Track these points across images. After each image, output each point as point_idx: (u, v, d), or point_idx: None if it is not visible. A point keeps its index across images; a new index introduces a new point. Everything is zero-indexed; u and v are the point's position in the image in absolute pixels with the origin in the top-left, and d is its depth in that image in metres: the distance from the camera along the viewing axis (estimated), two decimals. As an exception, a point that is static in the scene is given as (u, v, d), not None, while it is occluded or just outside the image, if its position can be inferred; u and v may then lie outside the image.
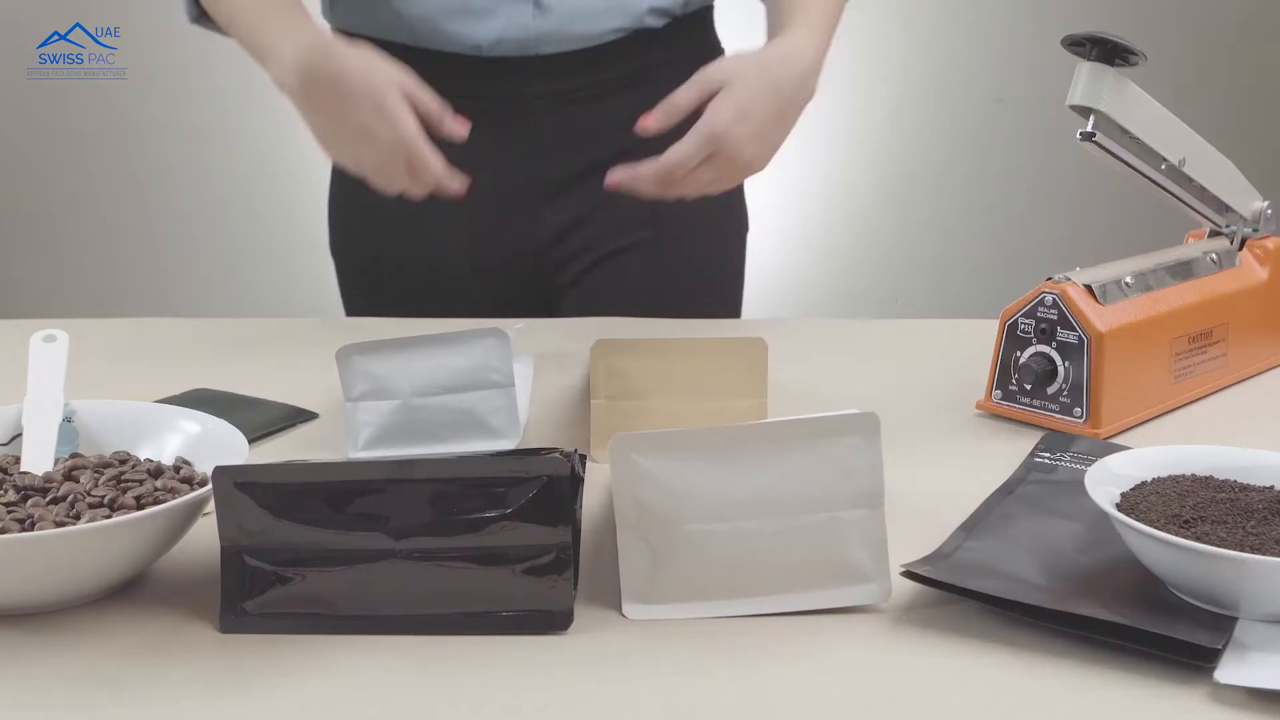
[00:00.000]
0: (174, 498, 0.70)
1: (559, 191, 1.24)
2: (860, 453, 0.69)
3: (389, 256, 1.29)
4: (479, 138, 1.10)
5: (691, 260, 1.29)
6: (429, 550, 0.66)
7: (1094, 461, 0.75)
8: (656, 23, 1.22)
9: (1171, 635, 0.62)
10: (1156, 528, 0.67)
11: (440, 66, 1.16)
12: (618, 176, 1.06)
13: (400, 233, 1.26)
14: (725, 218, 1.33)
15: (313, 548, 0.66)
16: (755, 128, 1.06)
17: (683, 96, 1.05)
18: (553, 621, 0.66)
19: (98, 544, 0.66)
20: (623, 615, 0.68)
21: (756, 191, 1.32)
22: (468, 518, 0.66)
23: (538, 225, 1.25)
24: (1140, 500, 0.71)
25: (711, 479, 0.67)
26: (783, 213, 3.00)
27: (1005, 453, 0.89)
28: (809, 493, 0.67)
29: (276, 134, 2.82)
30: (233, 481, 0.66)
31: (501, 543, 0.66)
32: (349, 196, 1.30)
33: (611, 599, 0.70)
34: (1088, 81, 0.93)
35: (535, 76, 1.20)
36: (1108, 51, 0.92)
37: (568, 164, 1.23)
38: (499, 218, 1.24)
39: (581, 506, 0.74)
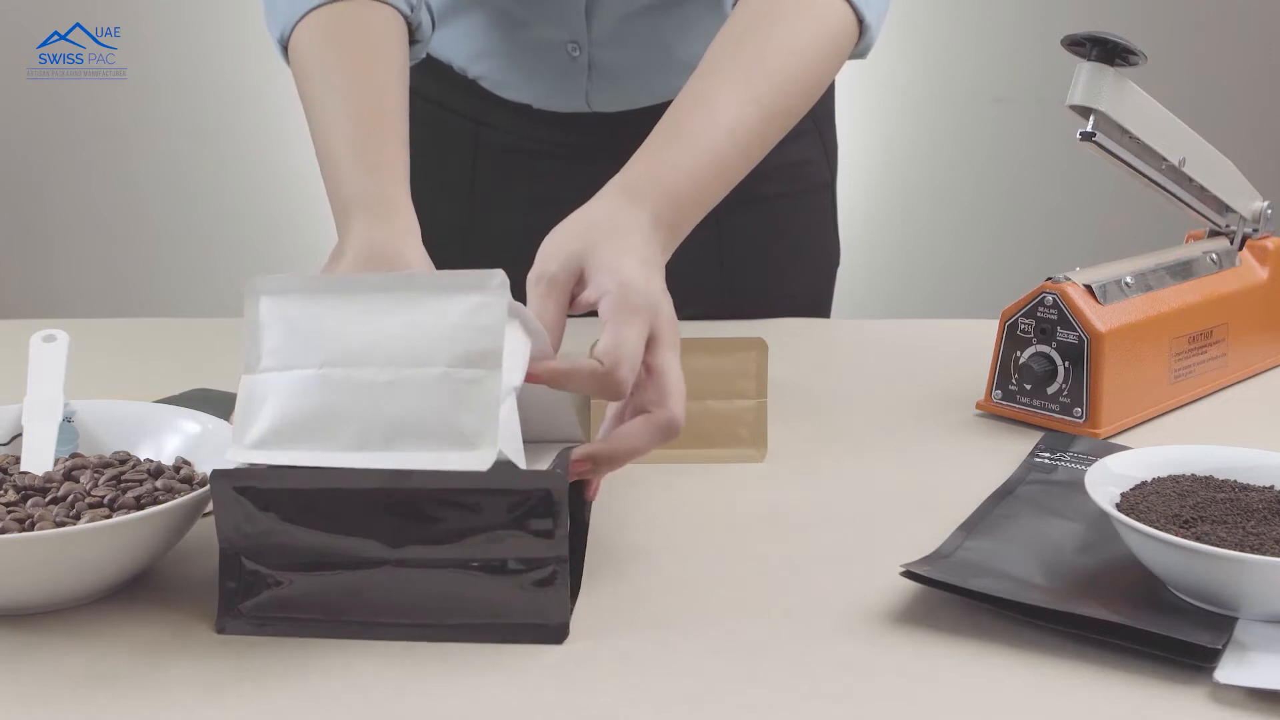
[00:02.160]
0: (174, 498, 0.70)
1: None
2: (483, 310, 0.65)
3: None
4: (538, 182, 1.09)
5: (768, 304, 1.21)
6: (425, 559, 0.65)
7: (1094, 461, 0.75)
8: None
9: (1171, 635, 0.62)
10: (1156, 528, 0.67)
11: (502, 112, 1.16)
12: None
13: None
14: (814, 253, 1.26)
15: (310, 552, 0.66)
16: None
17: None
18: (548, 634, 0.66)
19: (98, 544, 0.66)
20: (620, 623, 0.68)
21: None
22: (465, 527, 0.65)
23: None
24: (1140, 500, 0.71)
25: (335, 324, 0.65)
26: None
27: (1005, 453, 0.89)
28: (425, 346, 0.64)
29: (277, 134, 2.82)
30: (231, 485, 0.66)
31: (499, 554, 0.65)
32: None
33: (612, 604, 0.70)
34: (1088, 81, 0.93)
35: (591, 128, 1.16)
36: (1108, 51, 0.92)
37: None
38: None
39: (590, 515, 0.74)
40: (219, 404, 0.94)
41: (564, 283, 0.76)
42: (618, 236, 0.77)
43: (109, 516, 0.69)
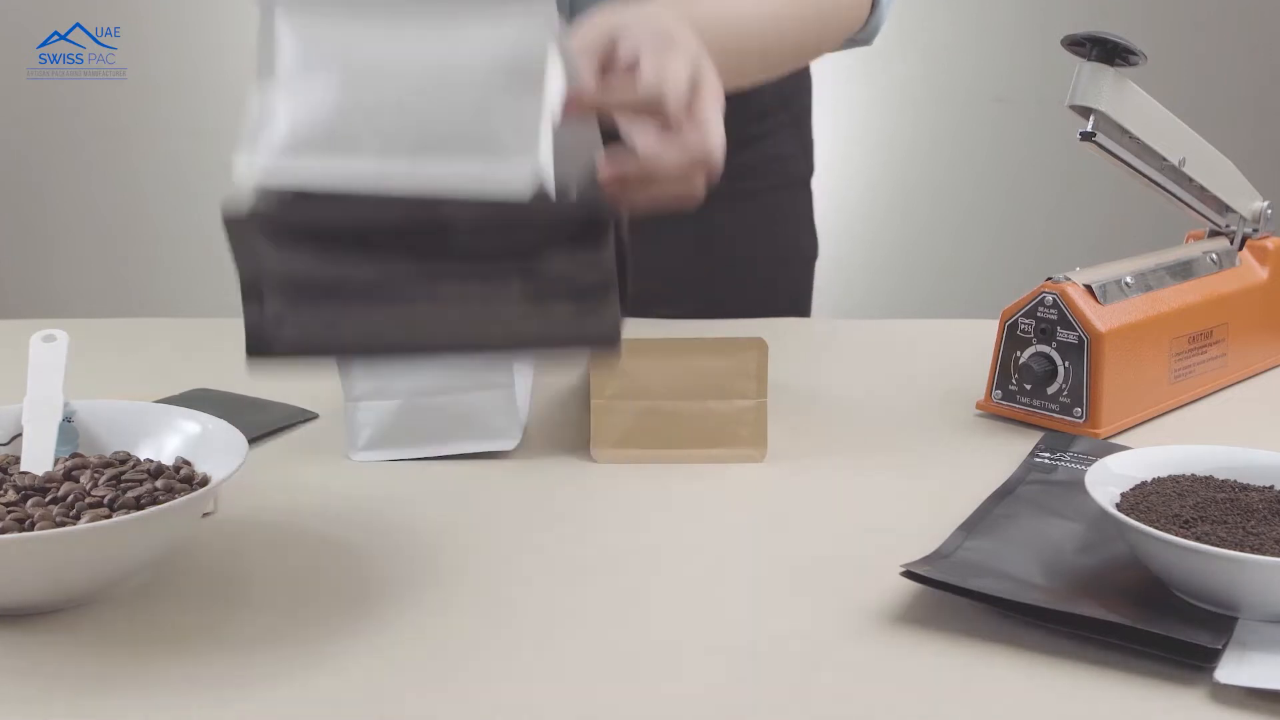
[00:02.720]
0: (174, 498, 0.70)
1: None
2: (527, 31, 0.61)
3: None
4: None
5: (749, 297, 1.23)
6: (470, 274, 0.58)
7: (1094, 461, 0.75)
8: None
9: (1171, 635, 0.62)
10: (1156, 528, 0.67)
11: None
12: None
13: None
14: (791, 247, 1.27)
15: (345, 279, 0.58)
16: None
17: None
18: (602, 341, 0.60)
19: (98, 544, 0.66)
20: (620, 623, 0.68)
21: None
22: (504, 254, 0.58)
23: None
24: (1140, 500, 0.71)
25: (362, 39, 0.61)
26: (783, 213, 2.99)
27: (1005, 453, 0.89)
28: (462, 62, 0.60)
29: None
30: (246, 219, 0.58)
31: (543, 282, 0.59)
32: None
33: (612, 604, 0.70)
34: (1088, 81, 0.93)
35: None
36: (1108, 51, 0.92)
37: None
38: None
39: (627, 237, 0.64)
40: (219, 404, 0.94)
41: (593, 45, 0.70)
42: (647, 10, 0.73)
43: (109, 516, 0.69)
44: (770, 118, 1.20)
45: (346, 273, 0.58)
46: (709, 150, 0.68)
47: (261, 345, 0.59)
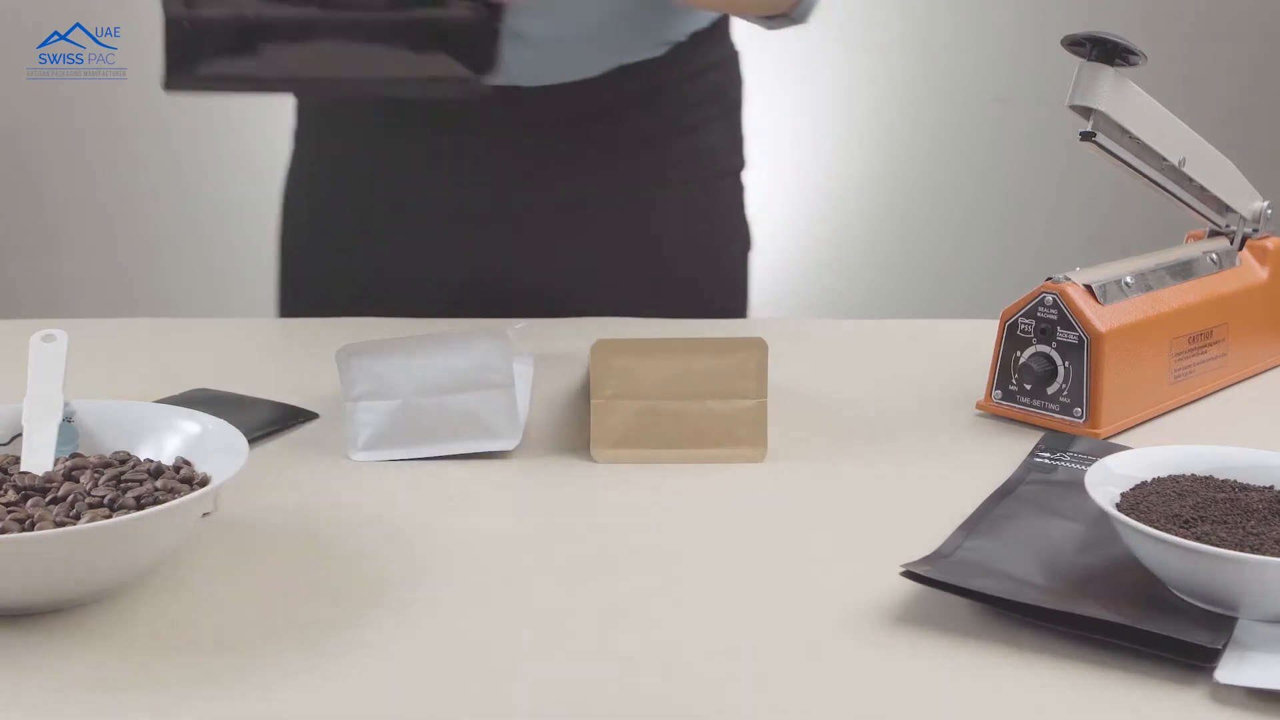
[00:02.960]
0: (174, 498, 0.70)
1: (533, 222, 1.19)
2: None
3: (343, 261, 1.24)
4: (456, 160, 1.12)
5: (684, 287, 1.25)
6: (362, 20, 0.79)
7: (1094, 461, 0.75)
8: (653, 53, 1.18)
9: (1171, 635, 0.62)
10: (1156, 528, 0.67)
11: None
12: None
13: (357, 241, 1.23)
14: (723, 238, 1.29)
15: (257, 22, 0.77)
16: None
17: None
18: (478, 70, 0.81)
19: (98, 544, 0.66)
20: (620, 623, 0.68)
21: (755, 191, 1.32)
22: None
23: (506, 253, 1.20)
24: (1140, 500, 0.71)
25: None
26: (782, 213, 2.99)
27: (1005, 453, 0.89)
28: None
29: (276, 134, 2.81)
30: None
31: (431, 15, 0.79)
32: (308, 200, 1.27)
33: (611, 604, 0.70)
34: (1088, 81, 0.93)
35: (515, 105, 1.15)
36: (1108, 51, 0.92)
37: (545, 195, 1.19)
38: (465, 241, 1.20)
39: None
40: (219, 404, 0.94)
41: None
42: None
43: (109, 516, 0.68)
44: (702, 110, 1.23)
45: (258, 14, 0.78)
46: None
47: (177, 80, 0.80)
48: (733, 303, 1.30)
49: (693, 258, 1.25)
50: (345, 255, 1.24)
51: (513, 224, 1.19)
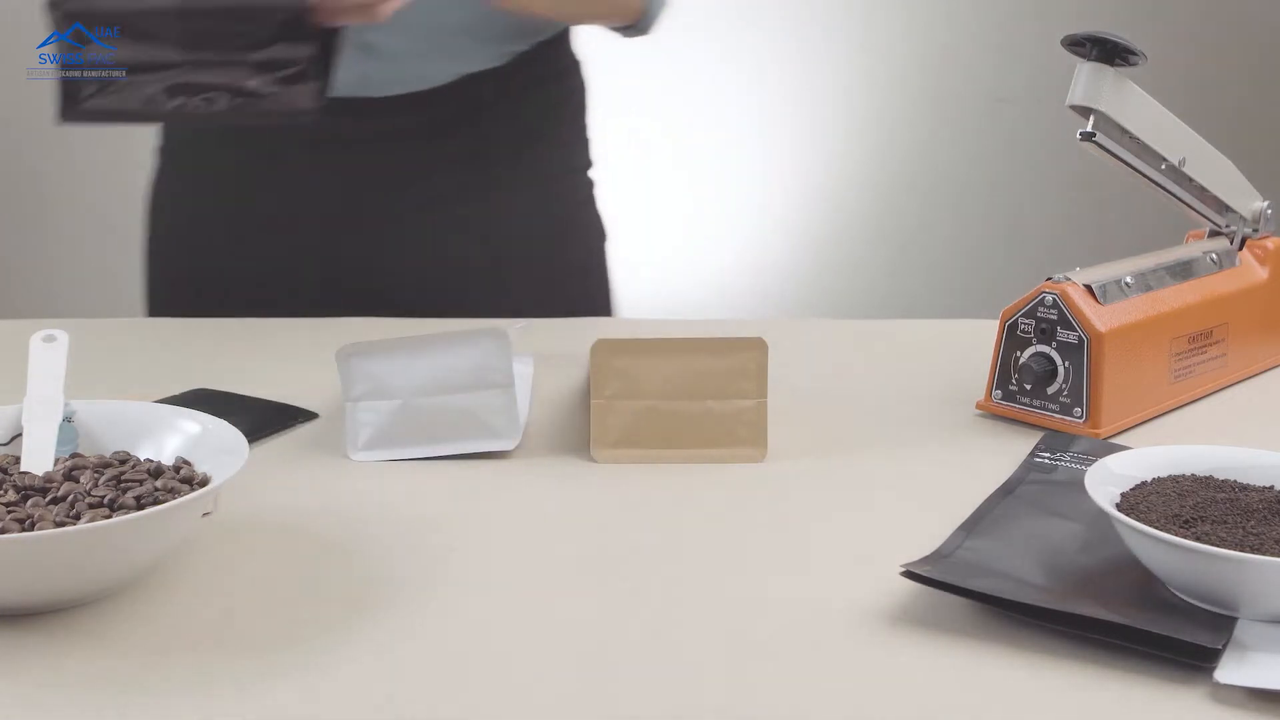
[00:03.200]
0: (174, 498, 0.70)
1: (386, 224, 1.25)
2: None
3: (207, 264, 1.29)
4: (313, 169, 1.19)
5: (538, 283, 1.30)
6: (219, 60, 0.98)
7: (1094, 461, 0.75)
8: (497, 62, 1.23)
9: (1171, 635, 0.62)
10: (1156, 528, 0.67)
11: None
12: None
13: (226, 241, 1.28)
14: (578, 231, 1.35)
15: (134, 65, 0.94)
16: None
17: None
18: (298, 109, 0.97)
19: (98, 544, 0.66)
20: (619, 622, 0.68)
21: (755, 192, 1.32)
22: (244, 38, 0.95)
23: (363, 255, 1.25)
24: (1140, 500, 0.71)
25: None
26: (782, 213, 3.00)
27: (1005, 453, 0.89)
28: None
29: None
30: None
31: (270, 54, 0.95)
32: (171, 205, 1.32)
33: (611, 603, 0.70)
34: (1088, 81, 0.93)
35: (366, 116, 1.20)
36: (1108, 51, 0.92)
37: (398, 198, 1.24)
38: (324, 244, 1.25)
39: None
40: (219, 404, 0.94)
41: None
42: None
43: (109, 516, 0.69)
44: (546, 114, 1.29)
45: (134, 59, 0.96)
46: None
47: (71, 114, 0.97)
48: (593, 290, 1.36)
49: (547, 249, 1.30)
50: (210, 258, 1.29)
51: (368, 227, 1.25)
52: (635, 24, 1.23)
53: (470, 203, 1.24)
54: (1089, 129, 0.94)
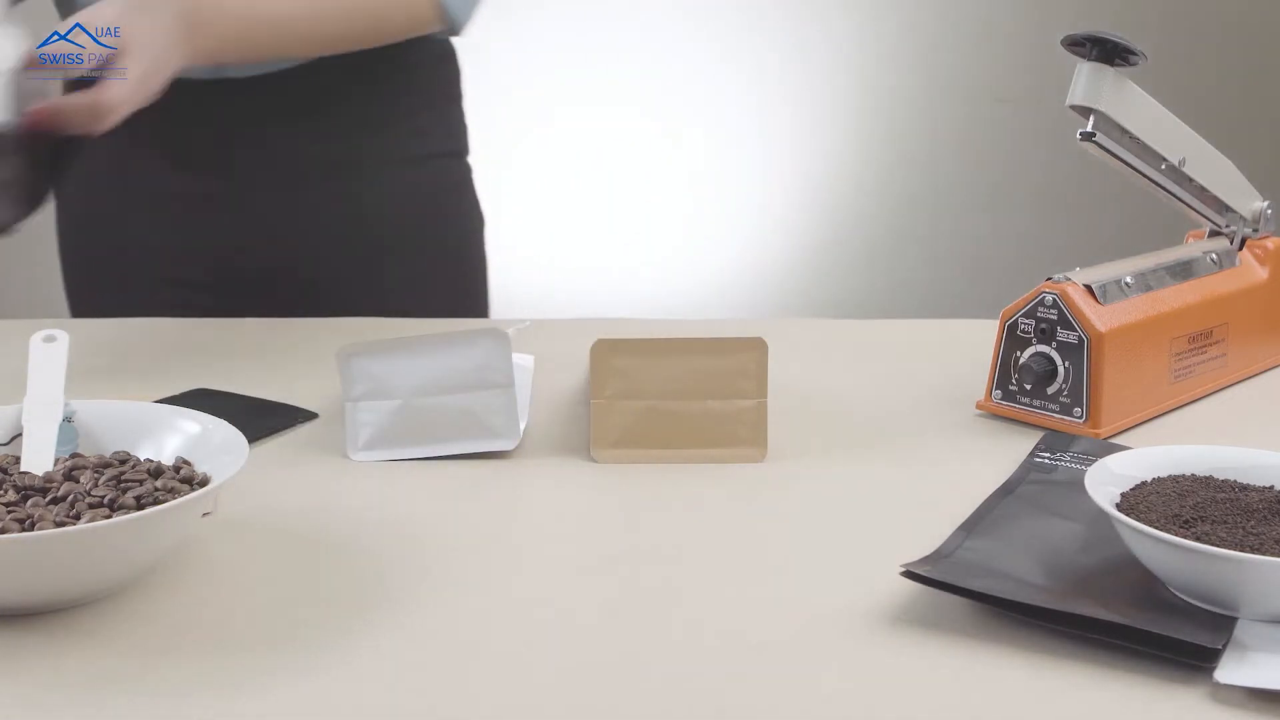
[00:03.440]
0: (174, 498, 0.70)
1: (256, 203, 1.26)
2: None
3: (108, 254, 1.32)
4: (185, 151, 1.22)
5: (412, 267, 1.31)
6: None
7: (1094, 461, 0.75)
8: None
9: (1171, 635, 0.62)
10: (1156, 528, 0.67)
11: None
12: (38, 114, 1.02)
13: (117, 235, 1.30)
14: (451, 214, 1.36)
15: None
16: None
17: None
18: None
19: (98, 544, 0.66)
20: (619, 622, 0.68)
21: (755, 192, 1.32)
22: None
23: (238, 235, 1.27)
24: (1140, 500, 0.71)
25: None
26: (782, 213, 3.00)
27: (1005, 453, 0.89)
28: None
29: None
30: None
31: None
32: (65, 200, 1.34)
33: (611, 603, 0.70)
34: (1088, 81, 0.93)
35: (230, 96, 1.21)
36: (1108, 51, 0.92)
37: (266, 177, 1.25)
38: (203, 227, 1.27)
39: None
40: (219, 404, 0.94)
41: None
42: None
43: (109, 516, 0.69)
44: (416, 98, 1.30)
45: None
46: (96, 100, 1.00)
47: None
48: (469, 273, 1.37)
49: (419, 232, 1.31)
50: (110, 249, 1.32)
51: (239, 206, 1.26)
52: (444, 28, 1.21)
53: (332, 180, 1.25)
54: (1089, 129, 0.94)
